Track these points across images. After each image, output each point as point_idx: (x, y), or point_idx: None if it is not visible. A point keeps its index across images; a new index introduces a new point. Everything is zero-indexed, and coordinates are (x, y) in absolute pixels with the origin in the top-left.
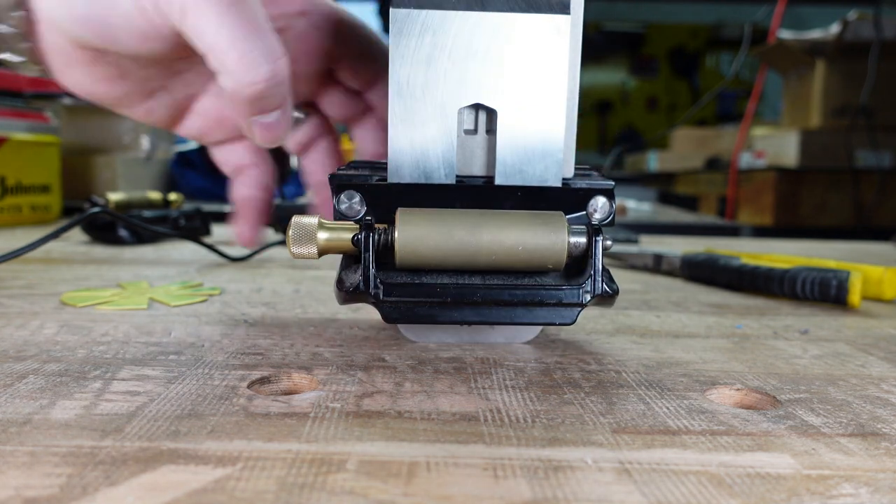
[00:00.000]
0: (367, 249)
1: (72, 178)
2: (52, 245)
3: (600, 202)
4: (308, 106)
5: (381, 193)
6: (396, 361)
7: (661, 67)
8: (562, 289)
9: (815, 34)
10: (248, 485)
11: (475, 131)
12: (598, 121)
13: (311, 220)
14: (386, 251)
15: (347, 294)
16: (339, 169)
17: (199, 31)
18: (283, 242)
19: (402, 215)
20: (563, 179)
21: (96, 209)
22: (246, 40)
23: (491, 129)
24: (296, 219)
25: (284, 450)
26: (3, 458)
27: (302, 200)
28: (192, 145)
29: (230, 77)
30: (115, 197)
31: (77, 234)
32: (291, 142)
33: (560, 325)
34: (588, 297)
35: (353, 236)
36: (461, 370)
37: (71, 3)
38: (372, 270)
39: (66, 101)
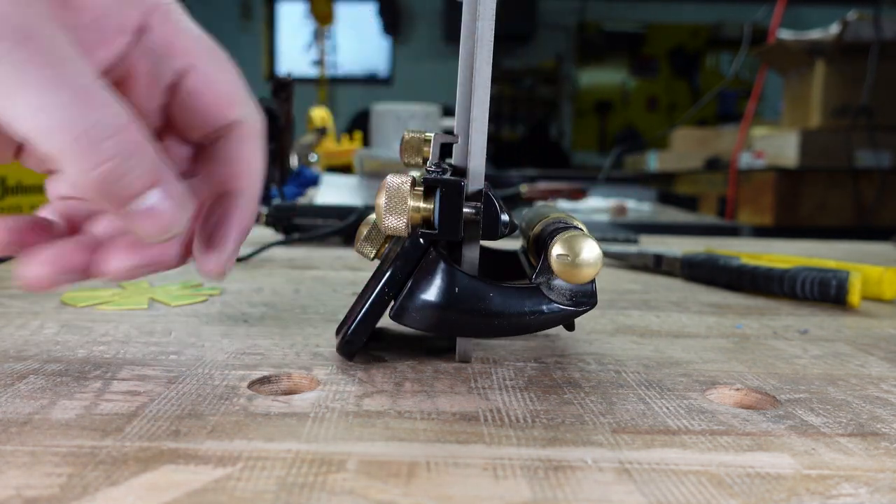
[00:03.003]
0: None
1: None
2: None
3: None
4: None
5: None
6: (396, 361)
7: (661, 67)
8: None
9: (815, 34)
10: (248, 485)
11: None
12: (599, 121)
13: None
14: None
15: None
16: (432, 173)
17: (13, 116)
18: (283, 242)
19: None
20: None
21: None
22: (75, 117)
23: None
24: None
25: (284, 450)
26: (4, 458)
27: (302, 200)
28: None
29: (71, 168)
30: None
31: None
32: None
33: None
34: None
35: None
36: (461, 370)
37: None
38: None
39: None
